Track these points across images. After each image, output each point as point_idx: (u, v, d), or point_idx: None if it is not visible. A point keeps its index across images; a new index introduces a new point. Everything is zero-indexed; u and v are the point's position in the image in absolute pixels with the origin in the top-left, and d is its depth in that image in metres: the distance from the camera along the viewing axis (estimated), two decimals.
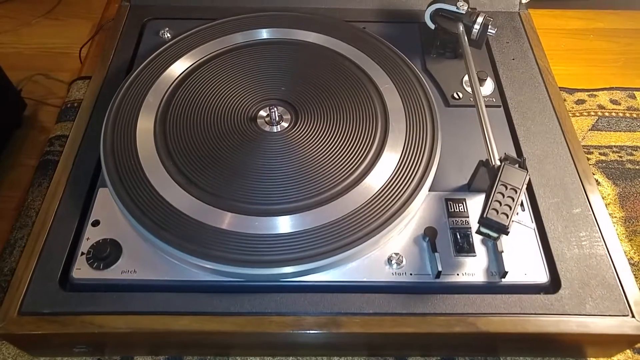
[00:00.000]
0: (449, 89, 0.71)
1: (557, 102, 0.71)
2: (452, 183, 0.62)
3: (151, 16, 0.81)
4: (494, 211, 0.51)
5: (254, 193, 0.58)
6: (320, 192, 0.58)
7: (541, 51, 0.78)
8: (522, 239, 0.57)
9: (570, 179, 0.63)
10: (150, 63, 0.69)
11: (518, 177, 0.53)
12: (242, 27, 0.74)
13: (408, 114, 0.64)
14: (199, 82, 0.67)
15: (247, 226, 0.55)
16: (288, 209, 0.56)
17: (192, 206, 0.56)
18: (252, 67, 0.69)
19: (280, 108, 0.65)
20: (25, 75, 1.03)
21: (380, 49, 0.72)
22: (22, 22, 1.17)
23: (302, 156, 0.60)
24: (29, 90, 0.98)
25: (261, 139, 0.63)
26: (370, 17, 0.81)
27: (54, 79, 1.01)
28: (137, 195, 0.57)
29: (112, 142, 0.62)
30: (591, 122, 0.86)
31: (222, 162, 0.60)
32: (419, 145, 0.61)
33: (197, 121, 0.64)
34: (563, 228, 0.59)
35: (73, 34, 1.11)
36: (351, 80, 0.68)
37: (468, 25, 0.70)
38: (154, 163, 0.60)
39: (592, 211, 0.60)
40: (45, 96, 0.98)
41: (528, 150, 0.66)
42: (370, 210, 0.56)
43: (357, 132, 0.63)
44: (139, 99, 0.65)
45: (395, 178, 0.59)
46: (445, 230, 0.58)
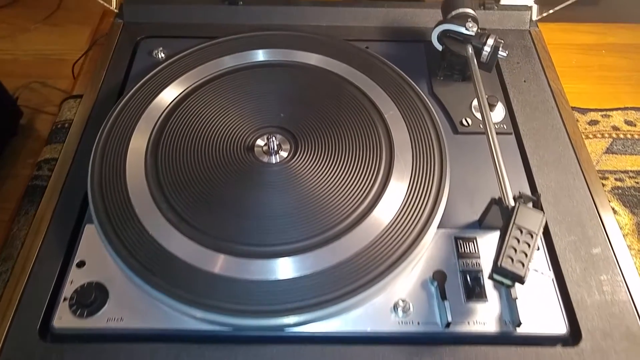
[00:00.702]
0: (458, 114, 0.67)
1: (571, 128, 0.67)
2: (462, 219, 0.59)
3: (145, 34, 0.77)
4: (508, 259, 0.47)
5: (249, 233, 0.54)
6: (320, 232, 0.54)
7: (553, 72, 0.74)
8: (538, 283, 0.53)
9: (587, 215, 0.59)
10: (141, 88, 0.65)
11: (534, 220, 0.49)
12: (238, 48, 0.70)
13: (414, 144, 0.61)
14: (192, 109, 0.63)
15: (240, 270, 0.51)
16: (286, 251, 0.52)
17: (183, 247, 0.53)
18: (249, 92, 0.66)
19: (278, 136, 0.61)
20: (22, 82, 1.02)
21: (384, 71, 0.68)
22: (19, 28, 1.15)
23: (301, 191, 0.57)
24: (26, 98, 0.97)
25: (258, 171, 0.59)
26: (374, 36, 0.78)
27: (50, 87, 0.99)
28: (125, 234, 0.53)
29: (100, 175, 0.58)
30: (605, 145, 0.82)
31: (216, 198, 0.56)
32: (426, 178, 0.58)
33: (191, 151, 0.60)
34: (582, 270, 0.55)
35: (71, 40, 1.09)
36: (353, 106, 0.64)
37: (478, 47, 0.66)
38: (145, 198, 0.56)
39: (612, 251, 0.56)
40: (42, 104, 0.97)
41: (542, 182, 0.62)
42: (375, 252, 0.52)
43: (360, 165, 0.59)
44: (129, 128, 0.61)
45: (402, 215, 0.55)
46: (455, 272, 0.54)
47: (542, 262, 0.55)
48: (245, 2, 0.79)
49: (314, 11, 0.79)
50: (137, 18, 0.78)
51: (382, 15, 0.79)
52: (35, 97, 0.99)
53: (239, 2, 0.78)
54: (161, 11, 0.78)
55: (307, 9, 0.79)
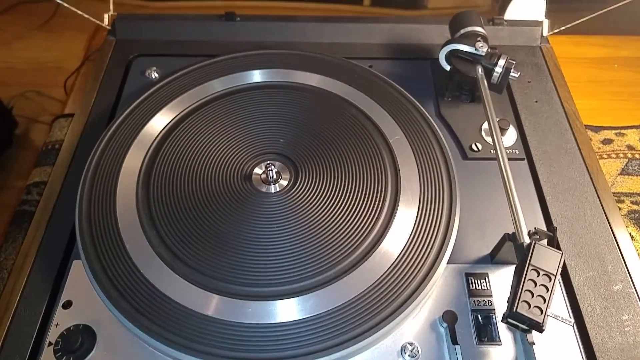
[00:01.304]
0: (467, 139, 0.64)
1: (586, 152, 0.64)
2: (473, 253, 0.55)
3: (138, 52, 0.73)
4: (525, 304, 0.44)
5: (244, 271, 0.50)
6: (322, 270, 0.50)
7: (566, 92, 0.71)
8: (555, 323, 0.50)
9: (606, 247, 0.56)
10: (132, 113, 0.61)
11: (552, 260, 0.45)
12: (234, 68, 0.66)
13: (422, 172, 0.57)
14: (186, 135, 0.60)
15: (237, 313, 0.48)
16: (285, 292, 0.49)
17: (176, 286, 0.49)
18: (247, 116, 0.62)
19: (277, 164, 0.58)
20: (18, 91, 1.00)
21: (389, 92, 0.64)
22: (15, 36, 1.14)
23: (301, 225, 0.53)
24: (21, 107, 0.95)
25: (256, 202, 0.55)
26: (378, 54, 0.74)
27: (46, 96, 0.97)
28: (115, 272, 0.50)
29: (89, 207, 0.55)
30: (620, 166, 0.78)
31: (211, 232, 0.53)
32: (435, 211, 0.54)
33: (185, 181, 0.57)
34: (602, 309, 0.51)
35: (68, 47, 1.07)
36: (357, 130, 0.61)
37: (488, 67, 0.62)
38: (136, 233, 0.53)
39: (634, 288, 0.53)
40: (38, 113, 0.96)
41: (556, 211, 0.58)
42: (381, 292, 0.49)
43: (364, 196, 0.55)
44: (119, 157, 0.58)
45: (409, 251, 0.51)
46: (466, 311, 0.51)
47: (560, 302, 0.51)
48: (243, 19, 0.75)
49: (314, 27, 0.75)
50: (130, 35, 0.75)
51: (386, 32, 0.76)
52: (31, 106, 0.97)
53: (236, 18, 0.75)
54: (154, 28, 0.75)
55: (307, 25, 0.75)
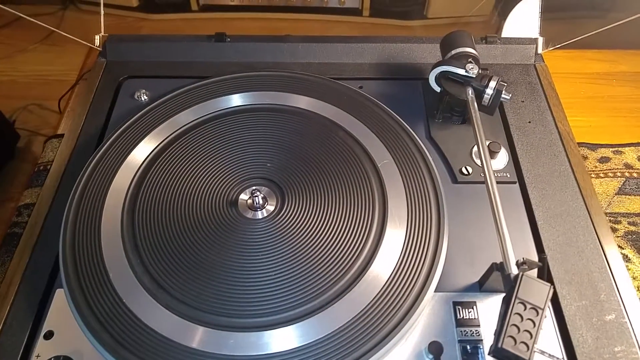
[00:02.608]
0: (457, 162, 0.63)
1: (580, 174, 0.63)
2: (461, 281, 0.54)
3: (128, 74, 0.73)
4: (510, 339, 0.42)
5: (230, 302, 0.50)
6: (307, 300, 0.50)
7: (561, 112, 0.69)
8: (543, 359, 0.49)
9: (599, 274, 0.54)
10: (119, 137, 0.61)
11: (540, 293, 0.44)
12: (223, 91, 0.66)
13: (409, 198, 0.56)
14: (173, 160, 0.59)
15: (219, 345, 0.47)
16: (268, 323, 0.48)
17: (159, 317, 0.49)
18: (234, 140, 0.62)
19: (263, 189, 0.57)
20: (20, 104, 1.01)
21: (378, 115, 0.64)
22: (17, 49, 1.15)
23: (287, 252, 0.52)
24: (23, 120, 0.96)
25: (242, 229, 0.55)
26: (368, 74, 0.73)
27: (48, 109, 0.97)
28: (97, 302, 0.50)
29: (74, 234, 0.54)
30: (617, 185, 0.77)
31: (196, 261, 0.52)
32: (422, 238, 0.53)
33: (171, 208, 0.56)
34: (594, 340, 0.50)
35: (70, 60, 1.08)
36: (345, 154, 0.60)
37: (478, 89, 0.61)
38: (120, 262, 0.52)
39: (627, 318, 0.52)
40: (40, 126, 0.97)
41: (548, 236, 0.57)
42: (366, 322, 0.48)
43: (351, 222, 0.55)
44: (105, 183, 0.58)
45: (395, 280, 0.51)
46: (453, 341, 0.50)
47: (551, 333, 0.50)
48: (233, 39, 0.75)
49: (304, 48, 0.75)
50: (120, 57, 0.75)
51: (377, 52, 0.75)
52: (33, 119, 0.98)
53: (226, 39, 0.75)
54: (145, 49, 0.75)
55: (297, 46, 0.75)
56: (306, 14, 1.41)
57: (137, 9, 1.38)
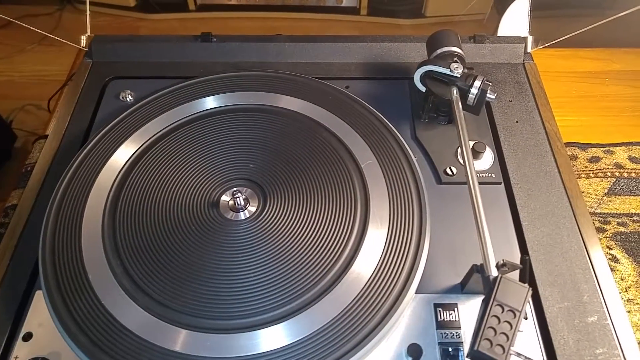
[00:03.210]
0: (442, 162, 0.62)
1: (566, 175, 0.62)
2: (443, 282, 0.54)
3: (114, 74, 0.73)
4: (486, 342, 0.42)
5: (210, 303, 0.49)
6: (285, 302, 0.49)
7: (549, 111, 0.69)
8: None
9: (583, 276, 0.54)
10: (102, 139, 0.61)
11: (518, 295, 0.44)
12: (207, 91, 0.65)
13: (392, 198, 0.56)
14: (154, 162, 0.59)
15: (198, 347, 0.47)
16: (246, 325, 0.48)
17: (138, 319, 0.48)
18: (217, 141, 0.61)
19: (244, 190, 0.57)
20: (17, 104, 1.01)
21: (363, 115, 0.63)
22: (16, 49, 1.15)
23: (266, 254, 0.52)
24: (21, 121, 0.97)
25: (223, 230, 0.54)
26: (355, 74, 0.73)
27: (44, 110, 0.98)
28: (76, 304, 0.49)
29: (54, 236, 0.54)
30: (607, 185, 0.76)
31: (176, 263, 0.52)
32: (403, 240, 0.53)
33: (152, 209, 0.56)
34: (575, 342, 0.50)
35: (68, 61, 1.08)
36: (328, 155, 0.60)
37: (463, 89, 0.61)
38: (99, 263, 0.52)
39: (610, 320, 0.51)
40: (36, 127, 0.97)
41: (532, 237, 0.57)
42: (345, 323, 0.48)
43: (332, 223, 0.54)
44: (87, 184, 0.57)
45: (375, 282, 0.50)
46: (433, 343, 0.49)
47: (532, 335, 0.50)
48: (219, 39, 0.75)
49: (291, 48, 0.74)
50: (106, 57, 0.74)
51: (364, 51, 0.75)
52: (30, 119, 0.99)
53: (213, 39, 0.74)
54: (131, 50, 0.74)
55: (284, 46, 0.75)
56: (304, 13, 1.41)
57: (134, 9, 1.38)
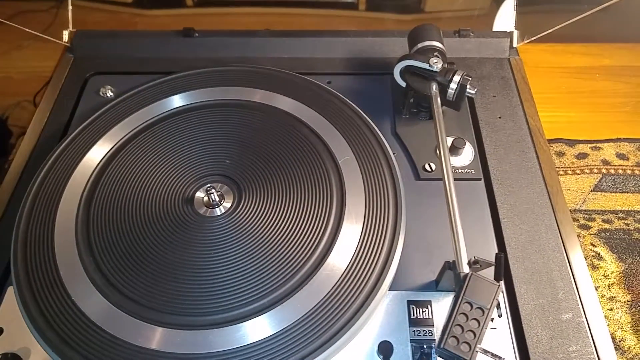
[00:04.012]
0: (421, 158, 0.62)
1: (548, 171, 0.61)
2: (418, 279, 0.53)
3: (95, 70, 0.73)
4: (453, 339, 0.42)
5: (180, 299, 0.49)
6: (258, 298, 0.49)
7: (532, 107, 0.68)
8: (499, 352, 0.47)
9: (559, 273, 0.53)
10: (78, 136, 0.60)
11: (487, 293, 0.43)
12: (185, 87, 0.65)
13: (368, 195, 0.55)
14: (131, 158, 0.59)
15: (167, 343, 0.47)
16: (218, 321, 0.48)
17: (108, 315, 0.48)
18: (195, 137, 0.61)
19: (218, 187, 0.56)
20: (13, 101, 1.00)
21: (342, 111, 0.63)
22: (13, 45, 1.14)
23: (236, 251, 0.52)
24: (17, 117, 0.95)
25: (197, 227, 0.54)
26: (338, 69, 0.72)
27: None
28: (46, 300, 0.49)
29: (26, 233, 0.54)
30: (594, 182, 0.75)
31: (149, 259, 0.52)
32: (377, 236, 0.52)
33: (126, 206, 0.56)
34: (548, 340, 0.49)
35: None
36: (306, 151, 0.59)
37: (443, 84, 0.60)
38: (72, 259, 0.52)
39: (585, 317, 0.50)
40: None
41: (510, 234, 0.56)
42: (316, 320, 0.47)
43: (307, 219, 0.54)
44: (62, 180, 0.57)
45: (349, 277, 0.50)
46: (405, 341, 0.49)
47: (505, 332, 0.49)
48: (202, 34, 0.74)
49: (274, 43, 0.74)
50: (88, 52, 0.74)
51: (347, 46, 0.74)
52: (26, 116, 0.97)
53: (195, 34, 0.74)
54: (112, 45, 0.74)
55: (266, 40, 0.74)
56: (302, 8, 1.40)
57: (132, 5, 1.38)
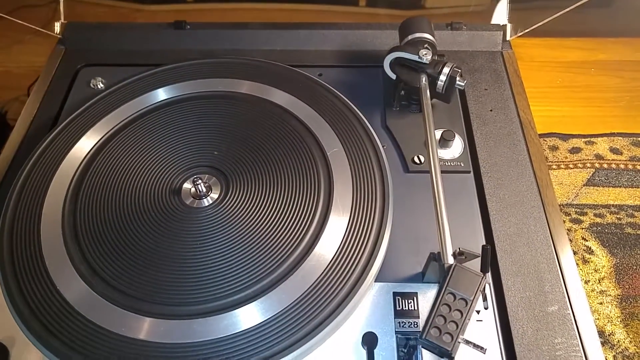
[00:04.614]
0: (410, 151, 0.61)
1: (538, 164, 0.61)
2: (405, 271, 0.53)
3: (86, 62, 0.72)
4: (436, 330, 0.41)
5: (165, 289, 0.49)
6: (242, 289, 0.49)
7: (524, 100, 0.68)
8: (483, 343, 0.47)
9: (547, 266, 0.53)
10: (67, 126, 0.60)
11: (471, 284, 0.43)
12: (175, 78, 0.65)
13: (356, 186, 0.55)
14: (119, 149, 0.59)
15: (153, 333, 0.47)
16: (201, 311, 0.48)
17: (94, 306, 0.48)
18: (183, 128, 0.61)
19: (206, 178, 0.56)
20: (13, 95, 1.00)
21: (332, 103, 0.62)
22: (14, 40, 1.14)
23: (222, 242, 0.51)
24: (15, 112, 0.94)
25: (184, 217, 0.54)
26: (330, 61, 0.72)
27: None
28: (30, 289, 0.49)
29: (13, 222, 0.54)
30: (587, 176, 0.75)
31: (136, 249, 0.52)
32: (364, 227, 0.52)
33: (114, 197, 0.55)
34: (534, 332, 0.49)
35: None
36: (295, 142, 0.59)
37: (433, 75, 0.60)
38: (57, 248, 0.52)
39: (571, 309, 0.50)
40: None
41: (499, 227, 0.56)
42: (301, 310, 0.47)
43: (294, 209, 0.53)
44: (50, 170, 0.57)
45: (334, 268, 0.49)
46: (391, 332, 0.49)
47: (491, 324, 0.49)
48: (193, 27, 0.74)
49: (266, 35, 0.74)
50: (79, 44, 0.74)
51: (339, 38, 0.74)
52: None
53: (186, 26, 0.74)
54: (104, 37, 0.74)
55: (258, 33, 0.74)
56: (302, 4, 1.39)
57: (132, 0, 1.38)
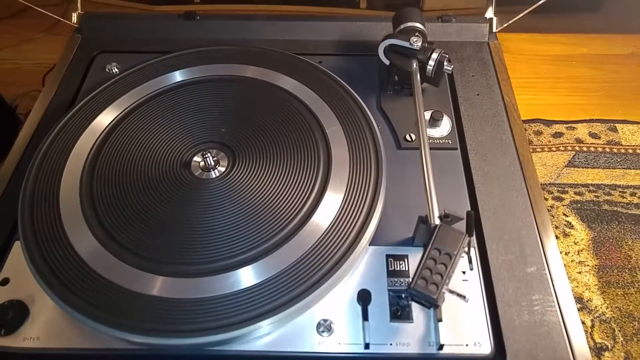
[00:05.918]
0: (402, 130, 0.66)
1: (520, 142, 0.66)
2: (397, 236, 0.58)
3: (102, 48, 0.77)
4: (422, 281, 0.46)
5: (175, 249, 0.53)
6: (245, 250, 0.53)
7: (508, 85, 0.73)
8: (468, 304, 0.52)
9: (527, 232, 0.58)
10: (85, 105, 0.65)
11: (454, 241, 0.48)
12: (185, 63, 0.69)
13: (352, 159, 0.60)
14: (134, 126, 0.63)
15: (161, 288, 0.51)
16: (208, 270, 0.52)
17: (108, 265, 0.52)
18: (194, 108, 0.65)
19: (214, 152, 0.61)
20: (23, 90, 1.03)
21: (331, 87, 0.67)
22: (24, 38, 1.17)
23: (229, 208, 0.56)
24: (25, 107, 0.99)
25: (194, 187, 0.58)
26: (329, 50, 0.77)
27: None
28: (50, 252, 0.53)
29: (34, 189, 0.58)
30: (568, 158, 0.80)
31: (146, 215, 0.56)
32: (360, 195, 0.56)
33: (128, 169, 0.60)
34: (514, 290, 0.53)
35: None
36: (297, 121, 0.64)
37: (423, 61, 0.65)
38: (75, 215, 0.56)
39: (548, 270, 0.55)
40: None
41: (484, 198, 0.61)
42: (303, 267, 0.51)
43: (296, 180, 0.58)
44: (69, 144, 0.61)
45: (332, 232, 0.54)
46: (384, 290, 0.53)
47: (476, 284, 0.53)
48: (202, 17, 0.79)
49: (270, 25, 0.79)
50: (95, 33, 0.79)
51: (338, 29, 0.79)
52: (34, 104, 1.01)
53: (196, 17, 0.78)
54: (119, 27, 0.79)
55: (263, 24, 0.79)
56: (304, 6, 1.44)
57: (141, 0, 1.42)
